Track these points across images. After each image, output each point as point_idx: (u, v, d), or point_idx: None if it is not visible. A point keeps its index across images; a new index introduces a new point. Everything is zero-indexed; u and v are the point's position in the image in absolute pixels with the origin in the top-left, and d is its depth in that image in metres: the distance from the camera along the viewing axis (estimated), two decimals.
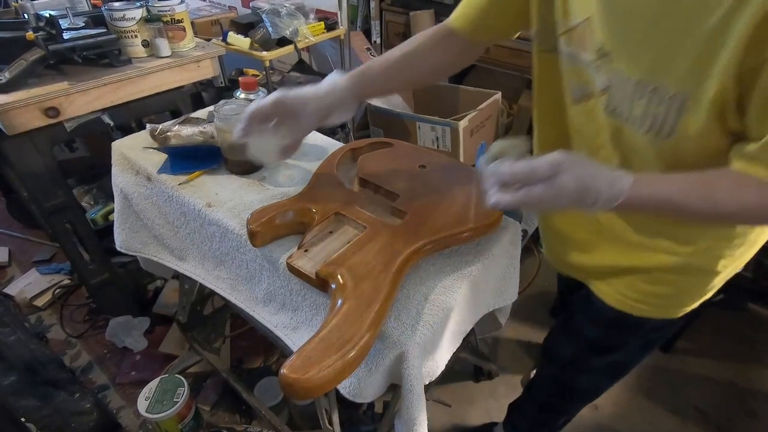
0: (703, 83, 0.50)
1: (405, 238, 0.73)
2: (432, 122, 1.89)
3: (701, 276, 0.73)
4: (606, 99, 0.61)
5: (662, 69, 0.52)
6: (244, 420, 1.43)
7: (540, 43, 0.72)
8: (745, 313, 1.80)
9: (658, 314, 0.79)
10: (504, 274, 0.90)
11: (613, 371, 0.96)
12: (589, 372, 0.97)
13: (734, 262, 0.72)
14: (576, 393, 1.05)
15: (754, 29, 0.44)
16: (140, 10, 1.28)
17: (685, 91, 0.51)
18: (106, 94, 1.26)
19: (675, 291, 0.76)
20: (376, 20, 2.32)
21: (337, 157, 0.94)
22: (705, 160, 0.56)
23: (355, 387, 0.72)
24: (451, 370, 1.47)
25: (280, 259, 0.77)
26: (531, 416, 1.19)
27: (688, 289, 0.76)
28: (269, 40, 1.68)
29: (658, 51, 0.52)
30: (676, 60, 0.51)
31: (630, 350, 0.89)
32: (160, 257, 1.05)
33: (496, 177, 0.53)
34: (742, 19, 0.44)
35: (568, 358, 0.97)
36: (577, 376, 0.99)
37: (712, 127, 0.52)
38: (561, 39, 0.66)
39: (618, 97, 0.59)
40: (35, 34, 1.14)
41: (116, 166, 1.05)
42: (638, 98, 0.56)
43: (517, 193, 0.52)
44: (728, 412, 1.49)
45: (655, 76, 0.53)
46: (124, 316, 1.63)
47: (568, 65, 0.67)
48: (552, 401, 1.10)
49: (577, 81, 0.67)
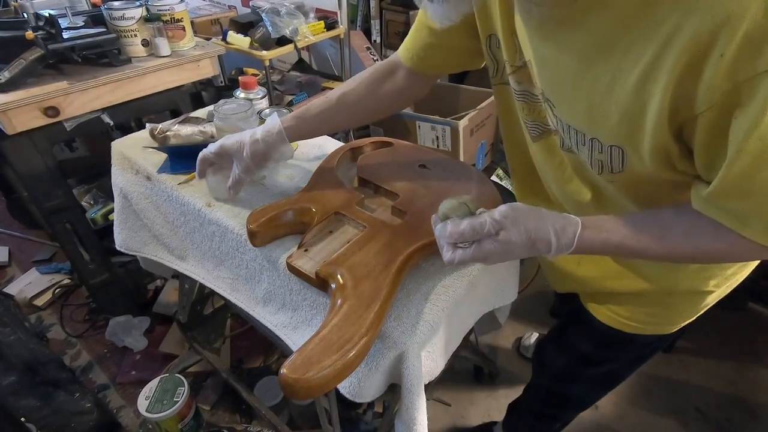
0: (635, 137, 0.48)
1: (405, 238, 0.73)
2: (432, 121, 1.89)
3: (692, 296, 0.73)
4: (560, 138, 0.62)
5: (594, 123, 0.52)
6: (244, 420, 1.43)
7: (493, 77, 0.72)
8: (745, 313, 1.80)
9: (650, 331, 0.78)
10: (504, 274, 0.90)
11: (607, 381, 0.96)
12: (583, 382, 0.96)
13: (727, 281, 0.71)
14: (570, 402, 1.04)
15: (676, 85, 0.42)
16: (140, 9, 1.28)
17: (620, 144, 0.51)
18: (106, 93, 1.26)
19: (666, 311, 0.75)
20: (376, 19, 2.32)
21: (337, 157, 0.94)
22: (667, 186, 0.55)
23: (355, 387, 0.71)
24: (451, 370, 1.47)
25: (280, 259, 0.77)
26: (528, 422, 1.19)
27: (680, 309, 0.75)
28: (269, 40, 1.67)
29: (588, 106, 0.51)
30: (605, 115, 0.49)
31: (623, 363, 0.89)
32: (160, 257, 1.05)
33: (445, 238, 0.56)
34: (662, 73, 0.42)
35: (561, 369, 0.97)
36: (570, 386, 0.98)
37: (661, 168, 0.51)
38: (511, 78, 0.65)
39: (564, 138, 0.59)
40: (35, 33, 1.14)
41: (116, 166, 1.05)
42: (582, 145, 0.55)
43: (467, 250, 0.55)
44: (728, 412, 1.49)
45: (590, 129, 0.53)
46: (124, 316, 1.62)
47: (523, 103, 0.66)
48: (546, 410, 1.10)
49: (533, 119, 0.66)
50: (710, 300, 0.73)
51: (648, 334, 0.78)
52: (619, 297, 0.77)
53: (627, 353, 0.85)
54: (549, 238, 0.53)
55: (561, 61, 0.52)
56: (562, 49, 0.51)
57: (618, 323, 0.79)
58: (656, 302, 0.74)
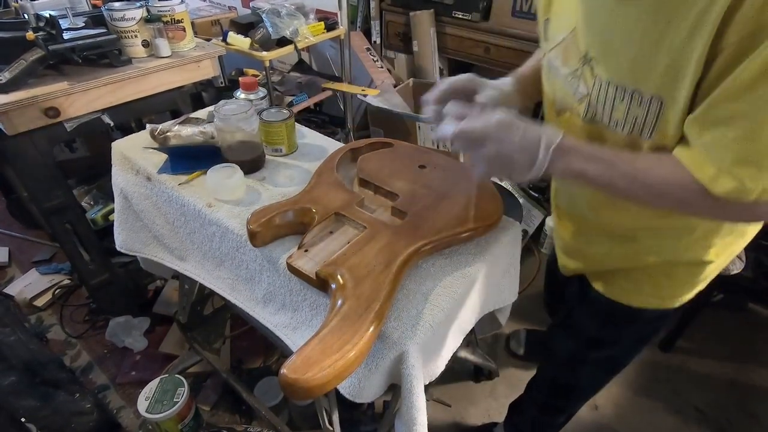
0: (678, 84, 0.52)
1: (405, 239, 0.74)
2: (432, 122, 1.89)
3: (695, 266, 0.76)
4: (585, 107, 0.64)
5: (641, 73, 0.55)
6: (244, 420, 1.43)
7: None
8: (745, 313, 1.80)
9: (655, 305, 0.81)
10: (504, 274, 0.90)
11: (611, 366, 0.98)
12: (587, 368, 0.98)
13: (725, 250, 0.74)
14: (575, 391, 1.06)
15: (718, 28, 0.46)
16: (140, 10, 1.28)
17: (662, 94, 0.54)
18: (106, 94, 1.27)
19: (670, 282, 0.78)
20: (376, 20, 2.32)
21: (337, 157, 0.94)
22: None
23: (355, 387, 0.72)
24: (451, 370, 1.47)
25: (280, 259, 0.77)
26: (532, 417, 1.20)
27: (683, 280, 0.78)
28: (269, 40, 1.68)
29: (636, 57, 0.55)
30: (653, 63, 0.53)
31: (625, 344, 0.92)
32: (160, 257, 1.05)
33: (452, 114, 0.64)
34: (711, 16, 0.46)
35: (567, 355, 0.99)
36: (575, 373, 1.01)
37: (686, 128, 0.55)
38: (550, 55, 0.70)
39: (598, 102, 0.62)
40: (35, 34, 1.14)
41: (116, 166, 1.05)
42: (619, 101, 0.58)
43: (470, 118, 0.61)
44: (728, 412, 1.49)
45: (634, 81, 0.56)
46: (124, 316, 1.63)
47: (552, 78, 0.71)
48: (551, 401, 1.11)
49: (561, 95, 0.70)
50: (709, 272, 0.76)
51: (653, 308, 0.81)
52: (626, 272, 0.80)
53: (631, 332, 0.88)
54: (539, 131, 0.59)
55: (616, 12, 0.56)
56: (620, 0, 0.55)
57: (625, 297, 0.82)
58: (661, 274, 0.77)
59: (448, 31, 2.12)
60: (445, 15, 2.09)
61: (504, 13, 1.92)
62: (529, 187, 2.14)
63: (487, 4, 1.97)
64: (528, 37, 1.87)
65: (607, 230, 0.78)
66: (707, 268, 0.75)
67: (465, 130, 0.60)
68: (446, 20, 2.10)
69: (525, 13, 1.86)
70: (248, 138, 0.95)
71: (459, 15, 2.05)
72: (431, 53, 2.18)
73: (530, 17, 1.85)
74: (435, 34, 2.14)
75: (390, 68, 2.32)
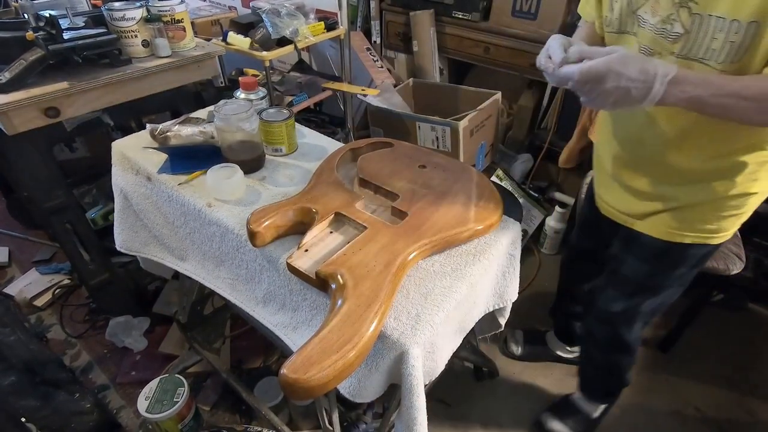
0: None
1: (405, 239, 0.74)
2: (432, 122, 1.89)
3: (740, 198, 0.85)
4: (680, 45, 0.72)
5: (741, 4, 0.64)
6: (244, 420, 1.43)
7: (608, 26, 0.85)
8: (745, 313, 1.80)
9: (702, 240, 0.90)
10: (504, 274, 0.90)
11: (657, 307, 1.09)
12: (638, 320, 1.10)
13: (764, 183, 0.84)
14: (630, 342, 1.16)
15: None
16: (140, 10, 1.28)
17: (760, 17, 0.63)
18: (106, 94, 1.26)
19: (716, 216, 0.87)
20: (376, 20, 2.32)
21: (337, 157, 0.94)
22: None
23: (355, 387, 0.72)
24: (451, 370, 1.47)
25: (280, 259, 0.77)
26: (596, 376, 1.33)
27: (729, 212, 0.87)
28: (269, 40, 1.67)
29: None
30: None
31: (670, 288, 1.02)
32: (160, 257, 1.05)
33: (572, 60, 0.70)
34: None
35: (620, 310, 1.09)
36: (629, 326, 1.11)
37: None
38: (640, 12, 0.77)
39: (698, 37, 0.70)
40: (35, 34, 1.14)
41: (116, 166, 1.05)
42: (719, 32, 0.67)
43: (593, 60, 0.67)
44: (728, 412, 1.49)
45: (734, 10, 0.64)
46: (124, 316, 1.63)
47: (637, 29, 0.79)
48: (611, 357, 1.23)
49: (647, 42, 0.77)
50: (752, 203, 0.86)
51: (700, 244, 0.91)
52: (676, 211, 0.89)
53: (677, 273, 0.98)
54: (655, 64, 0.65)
55: None
56: None
57: (677, 236, 0.91)
58: (709, 210, 0.87)
59: (448, 30, 2.13)
60: (445, 15, 2.09)
61: (504, 12, 1.92)
62: (529, 187, 2.14)
63: (487, 4, 1.98)
64: (528, 37, 1.87)
65: (670, 172, 0.86)
66: (750, 200, 0.85)
67: (590, 68, 0.66)
68: (446, 20, 2.10)
69: (525, 13, 1.86)
70: (248, 138, 0.95)
71: (459, 15, 2.05)
72: (431, 53, 2.18)
73: (530, 17, 1.85)
74: (435, 33, 2.14)
75: (390, 68, 2.32)
